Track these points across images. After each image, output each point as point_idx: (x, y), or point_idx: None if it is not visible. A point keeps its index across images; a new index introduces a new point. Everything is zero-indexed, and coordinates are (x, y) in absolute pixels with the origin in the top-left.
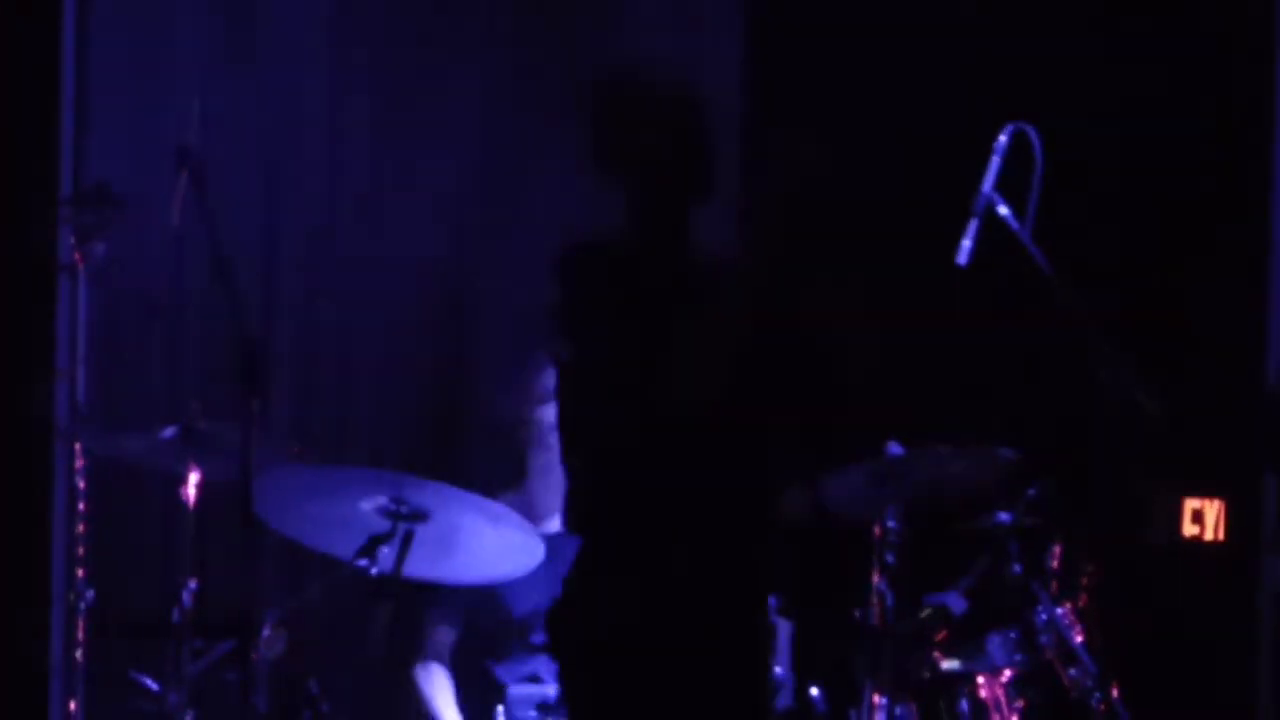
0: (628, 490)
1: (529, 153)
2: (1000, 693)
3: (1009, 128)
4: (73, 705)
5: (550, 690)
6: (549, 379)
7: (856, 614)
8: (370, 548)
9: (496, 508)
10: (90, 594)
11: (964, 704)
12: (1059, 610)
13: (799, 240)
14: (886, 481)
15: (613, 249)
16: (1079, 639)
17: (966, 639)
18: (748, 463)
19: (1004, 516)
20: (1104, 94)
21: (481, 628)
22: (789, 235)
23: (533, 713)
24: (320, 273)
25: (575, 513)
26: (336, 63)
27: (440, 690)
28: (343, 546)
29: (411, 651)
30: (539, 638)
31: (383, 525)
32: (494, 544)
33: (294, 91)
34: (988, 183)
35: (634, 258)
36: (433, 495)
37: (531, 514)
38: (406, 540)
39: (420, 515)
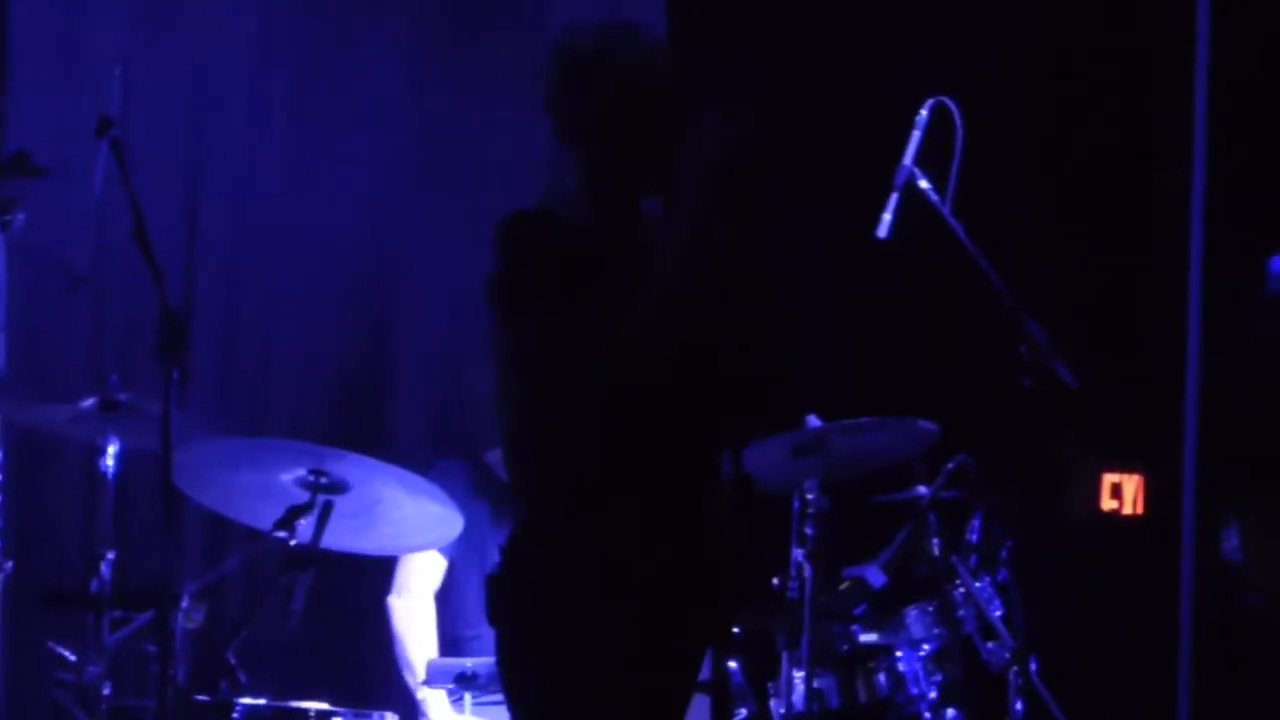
0: (575, 458)
1: (453, 126)
2: (919, 666)
3: (930, 102)
4: None
5: (469, 663)
6: None
7: (775, 586)
8: (289, 519)
9: (416, 480)
10: (9, 564)
11: (882, 677)
12: (978, 584)
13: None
14: (806, 454)
15: (561, 216)
16: (998, 613)
17: (885, 612)
18: (696, 431)
19: (923, 490)
20: (1028, 67)
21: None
22: (716, 209)
23: (451, 684)
24: (243, 245)
25: (519, 478)
26: (259, 34)
27: (412, 627)
28: (262, 518)
29: (388, 582)
30: None
31: (302, 497)
32: (414, 516)
33: (216, 63)
34: (908, 156)
35: (585, 224)
36: (352, 467)
37: None
38: (325, 512)
39: (339, 487)
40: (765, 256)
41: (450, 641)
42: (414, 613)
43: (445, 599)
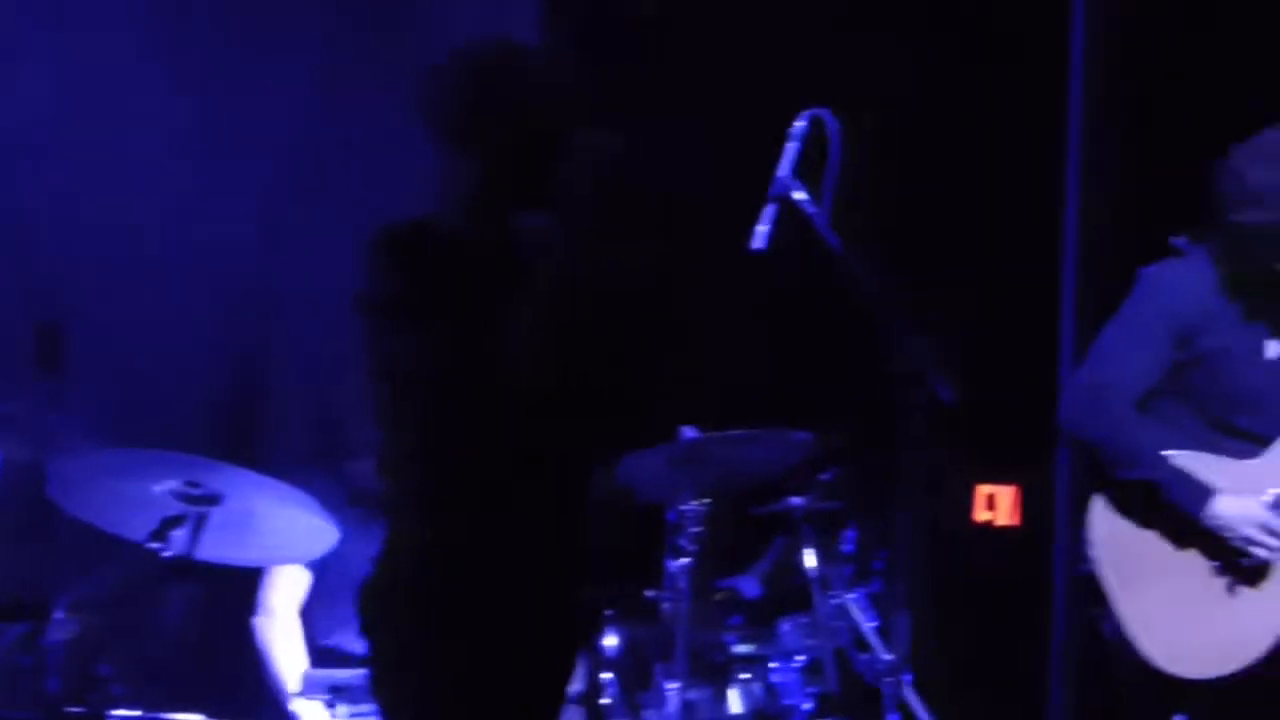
0: (448, 470)
1: (335, 140)
2: (794, 678)
3: (806, 114)
4: None
5: (342, 674)
6: None
7: (650, 597)
8: (163, 531)
9: (290, 491)
10: None
11: (757, 688)
12: (852, 595)
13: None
14: (682, 465)
15: (439, 229)
16: (872, 624)
17: (760, 623)
18: (570, 443)
19: (798, 501)
20: (903, 81)
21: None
22: (594, 224)
23: (325, 695)
24: (123, 256)
25: (393, 492)
26: (140, 50)
27: (278, 645)
28: (136, 529)
29: (251, 603)
30: None
31: (176, 508)
32: (287, 527)
33: (96, 78)
34: (784, 168)
35: (464, 238)
36: (226, 479)
37: None
38: (199, 523)
39: (213, 499)
40: (643, 271)
41: (321, 653)
42: (279, 631)
43: (314, 611)
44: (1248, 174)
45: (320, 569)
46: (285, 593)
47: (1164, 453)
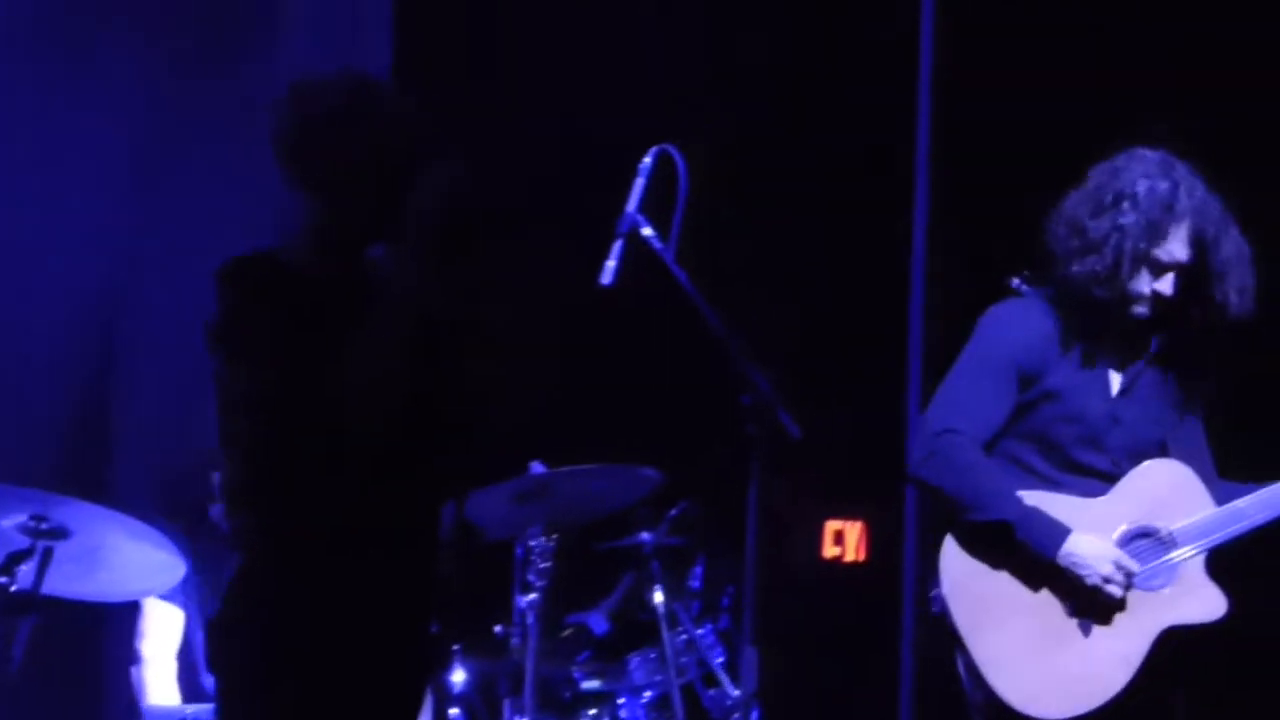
0: (295, 504)
1: (180, 169)
2: (641, 713)
3: (654, 149)
4: None
5: (189, 709)
6: None
7: (498, 632)
8: (9, 565)
9: (138, 525)
10: None
11: None
12: (700, 631)
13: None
14: (529, 500)
15: (286, 262)
16: (720, 660)
17: (608, 659)
18: (418, 478)
19: (646, 536)
20: (755, 115)
21: None
22: (440, 255)
23: None
24: None
25: (239, 524)
26: None
27: (155, 690)
28: None
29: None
30: None
31: (22, 542)
32: (136, 562)
33: None
34: (632, 203)
35: (311, 271)
36: (74, 513)
37: None
38: (46, 558)
39: (61, 533)
40: (489, 305)
41: (194, 693)
42: (152, 676)
43: (186, 651)
44: (1083, 223)
45: (194, 606)
46: (156, 639)
47: (1016, 493)
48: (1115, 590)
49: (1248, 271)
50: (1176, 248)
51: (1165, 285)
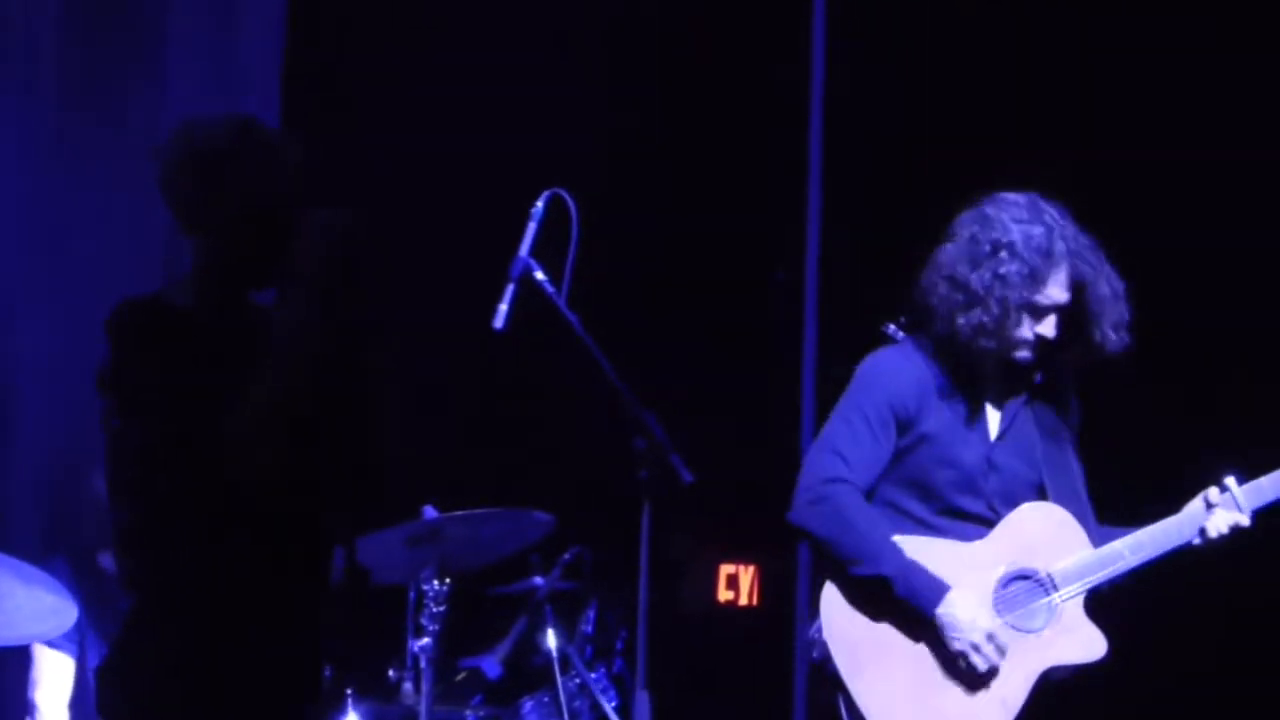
0: (185, 550)
1: (71, 210)
2: None
3: (546, 194)
4: None
5: None
6: None
7: (392, 676)
8: None
9: (29, 569)
10: None
11: None
12: (593, 675)
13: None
14: (422, 544)
15: (175, 305)
16: (613, 703)
17: (502, 703)
18: (308, 524)
19: (539, 580)
20: (645, 157)
21: None
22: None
23: None
24: None
25: (129, 569)
26: None
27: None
28: None
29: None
30: None
31: None
32: (27, 605)
33: None
34: (524, 247)
35: (199, 314)
36: None
37: None
38: None
39: None
40: (375, 350)
41: None
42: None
43: (80, 699)
44: (964, 276)
45: (84, 652)
46: (48, 689)
47: (894, 538)
48: (980, 663)
49: (1124, 307)
50: (1056, 291)
51: (1047, 328)
